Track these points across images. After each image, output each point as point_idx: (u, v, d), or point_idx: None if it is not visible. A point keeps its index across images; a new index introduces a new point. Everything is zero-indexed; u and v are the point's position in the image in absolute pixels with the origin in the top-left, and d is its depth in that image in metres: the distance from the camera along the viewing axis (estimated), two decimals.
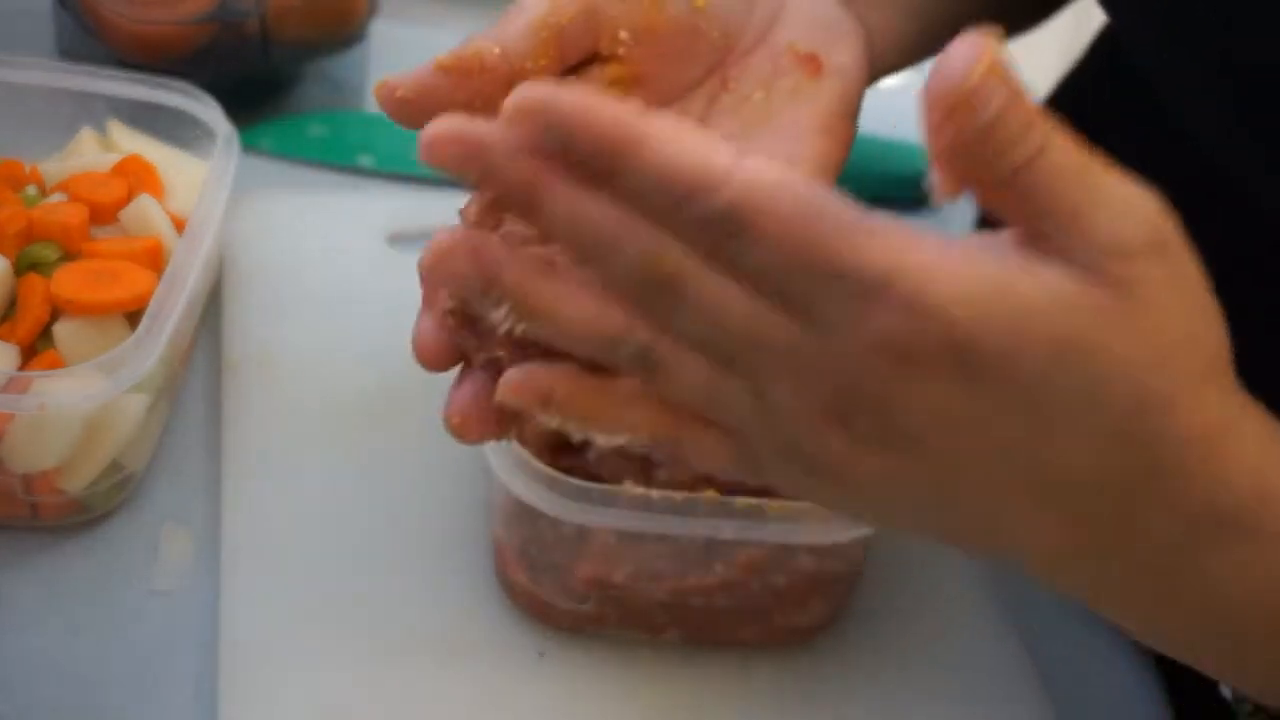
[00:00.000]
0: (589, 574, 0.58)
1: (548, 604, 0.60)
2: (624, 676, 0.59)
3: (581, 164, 0.35)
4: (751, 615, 0.60)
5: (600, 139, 0.34)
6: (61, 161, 0.70)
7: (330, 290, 0.73)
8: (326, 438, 0.66)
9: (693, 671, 0.60)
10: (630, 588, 0.58)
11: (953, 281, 0.35)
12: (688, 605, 0.59)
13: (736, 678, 0.60)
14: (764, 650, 0.61)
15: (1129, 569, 0.40)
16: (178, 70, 0.72)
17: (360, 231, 0.77)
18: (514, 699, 0.58)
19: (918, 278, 0.35)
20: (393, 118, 0.47)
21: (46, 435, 0.59)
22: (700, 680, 0.60)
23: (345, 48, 0.85)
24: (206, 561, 0.62)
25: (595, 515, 0.55)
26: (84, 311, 0.61)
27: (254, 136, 0.81)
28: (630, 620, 0.60)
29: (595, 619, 0.60)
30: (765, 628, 0.61)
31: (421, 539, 0.63)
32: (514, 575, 0.60)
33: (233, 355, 0.69)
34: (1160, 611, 0.41)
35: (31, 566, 0.61)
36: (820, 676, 0.61)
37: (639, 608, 0.59)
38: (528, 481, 0.55)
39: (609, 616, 0.60)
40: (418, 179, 0.83)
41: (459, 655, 0.59)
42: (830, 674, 0.61)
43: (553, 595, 0.59)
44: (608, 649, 0.60)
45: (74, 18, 0.80)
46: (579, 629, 0.60)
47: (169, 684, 0.57)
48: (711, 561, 0.58)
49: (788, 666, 0.61)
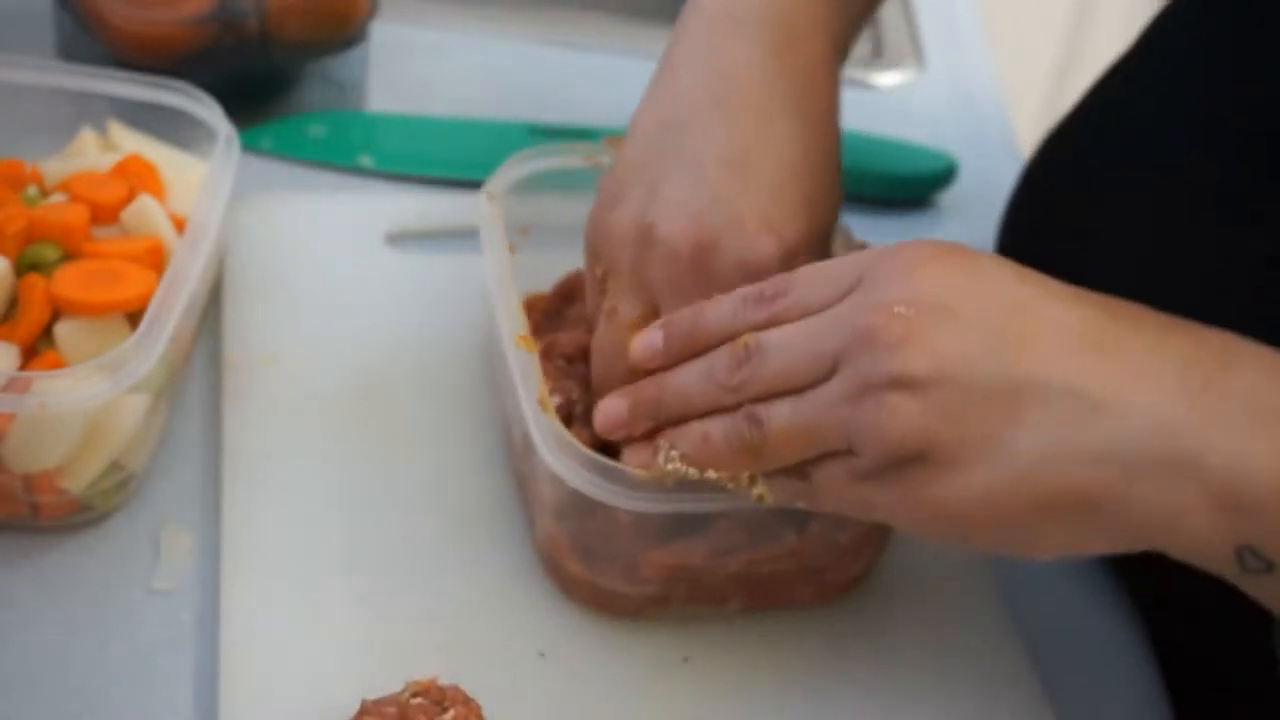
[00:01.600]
0: (665, 560, 0.59)
1: (609, 592, 0.60)
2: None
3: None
4: (812, 574, 0.61)
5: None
6: (62, 161, 0.70)
7: (330, 290, 0.73)
8: (325, 437, 0.67)
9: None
10: (704, 567, 0.59)
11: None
12: (756, 574, 0.60)
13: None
14: (812, 608, 0.63)
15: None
16: (178, 71, 0.72)
17: (360, 231, 0.77)
18: (516, 695, 0.58)
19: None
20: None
21: (47, 435, 0.59)
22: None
23: (345, 48, 0.85)
24: (206, 561, 0.62)
25: (658, 503, 0.56)
26: (85, 312, 0.62)
27: (254, 137, 0.81)
28: (697, 597, 0.61)
29: (660, 600, 0.60)
30: (819, 585, 0.62)
31: (421, 538, 0.63)
32: (570, 568, 0.60)
33: (233, 355, 0.69)
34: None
35: (32, 566, 0.61)
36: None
37: (708, 584, 0.60)
38: (588, 475, 0.56)
39: (675, 596, 0.60)
40: (417, 179, 0.83)
41: (460, 654, 0.59)
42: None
43: (615, 583, 0.60)
44: (663, 625, 0.62)
45: (74, 18, 0.80)
46: (641, 612, 0.61)
47: (169, 684, 0.58)
48: (783, 528, 0.59)
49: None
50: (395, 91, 0.88)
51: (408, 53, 0.91)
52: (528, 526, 0.64)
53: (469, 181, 0.77)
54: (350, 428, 0.67)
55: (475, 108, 0.88)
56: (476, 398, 0.69)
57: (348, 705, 0.54)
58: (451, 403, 0.69)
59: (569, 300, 0.68)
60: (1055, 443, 0.48)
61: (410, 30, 0.93)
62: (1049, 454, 0.48)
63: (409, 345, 0.71)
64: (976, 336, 0.49)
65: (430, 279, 0.74)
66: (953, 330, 0.49)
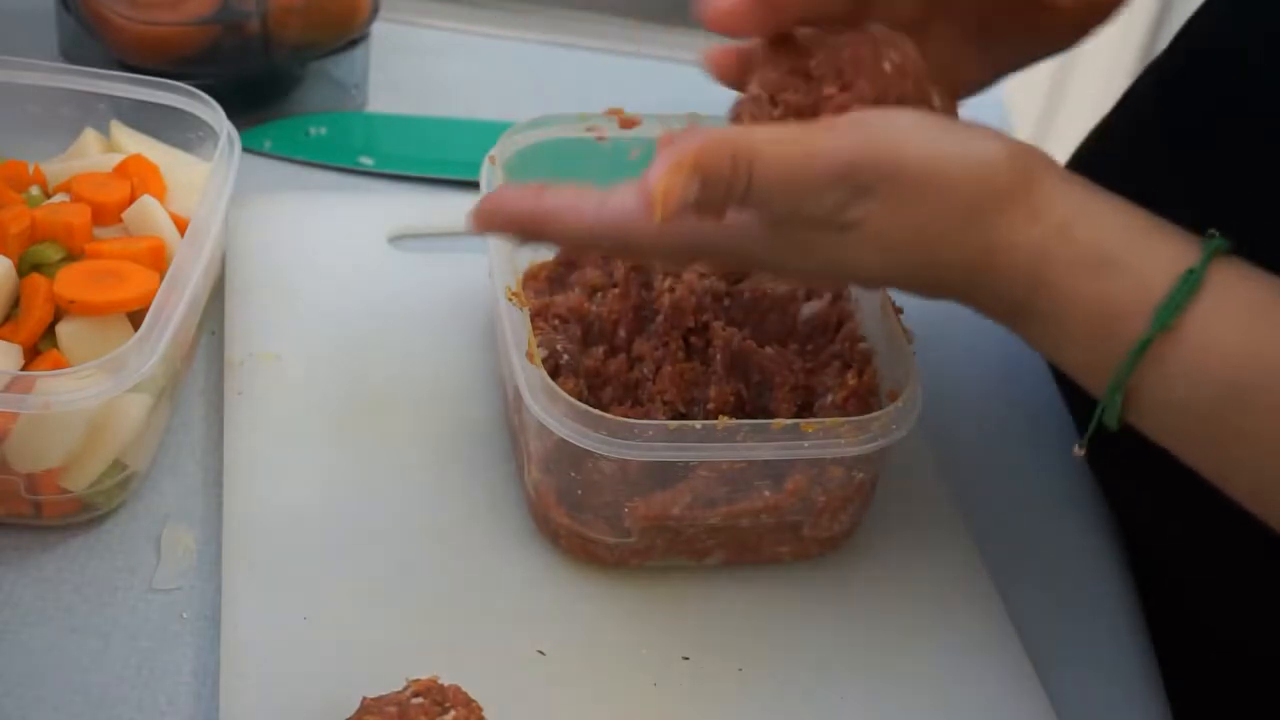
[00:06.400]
0: (647, 511, 0.60)
1: (594, 541, 0.62)
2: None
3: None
4: (790, 530, 0.63)
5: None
6: (64, 162, 0.70)
7: (331, 290, 0.73)
8: (327, 437, 0.67)
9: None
10: (684, 518, 0.61)
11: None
12: (735, 528, 0.62)
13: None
14: (794, 565, 0.65)
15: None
16: (180, 71, 0.73)
17: (361, 232, 0.77)
18: (516, 694, 0.58)
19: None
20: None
21: (49, 435, 0.59)
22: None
23: (346, 49, 0.85)
24: (207, 561, 0.62)
25: (639, 450, 0.58)
26: (87, 311, 0.62)
27: (255, 137, 0.81)
28: (677, 549, 0.63)
29: (642, 551, 0.62)
30: (799, 542, 0.64)
31: (422, 538, 0.64)
32: (556, 518, 0.62)
33: (234, 355, 0.69)
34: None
35: (34, 565, 0.61)
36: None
37: (688, 535, 0.62)
38: (572, 422, 0.58)
39: (656, 548, 0.62)
40: (418, 179, 0.83)
41: (460, 653, 0.59)
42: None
43: (600, 532, 0.62)
44: (647, 580, 0.63)
45: (77, 20, 0.80)
46: (623, 563, 0.63)
47: (169, 683, 0.58)
48: (761, 483, 0.61)
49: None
50: (395, 91, 0.89)
51: (408, 53, 0.91)
52: (532, 526, 0.64)
53: (469, 181, 0.77)
54: (351, 427, 0.67)
55: (475, 108, 0.88)
56: (477, 397, 0.70)
57: (348, 704, 0.54)
58: (452, 402, 0.69)
59: (571, 266, 0.71)
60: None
61: (410, 30, 0.93)
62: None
63: (409, 345, 0.72)
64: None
65: (430, 279, 0.75)
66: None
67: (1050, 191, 0.52)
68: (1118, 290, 0.51)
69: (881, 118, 0.53)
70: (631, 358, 0.66)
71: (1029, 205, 0.52)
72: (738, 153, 0.50)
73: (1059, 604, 0.67)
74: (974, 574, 0.66)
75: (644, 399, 0.65)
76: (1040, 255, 0.52)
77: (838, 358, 0.67)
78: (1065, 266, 0.51)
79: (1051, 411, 0.76)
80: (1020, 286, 0.52)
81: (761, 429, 0.59)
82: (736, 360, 0.66)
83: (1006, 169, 0.52)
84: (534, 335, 0.61)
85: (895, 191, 0.51)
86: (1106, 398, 0.52)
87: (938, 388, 0.71)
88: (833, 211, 0.52)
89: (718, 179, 0.50)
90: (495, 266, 0.65)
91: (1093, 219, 0.52)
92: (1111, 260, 0.51)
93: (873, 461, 0.62)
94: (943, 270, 0.53)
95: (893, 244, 0.52)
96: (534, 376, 0.59)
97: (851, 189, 0.51)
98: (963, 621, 0.64)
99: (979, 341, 0.77)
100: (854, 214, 0.52)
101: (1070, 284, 0.51)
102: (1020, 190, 0.52)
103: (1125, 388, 0.51)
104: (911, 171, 0.51)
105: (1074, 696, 0.63)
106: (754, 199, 0.51)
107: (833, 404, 0.64)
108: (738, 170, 0.50)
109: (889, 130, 0.52)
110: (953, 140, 0.52)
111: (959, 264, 0.53)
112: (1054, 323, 0.53)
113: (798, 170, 0.51)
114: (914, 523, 0.68)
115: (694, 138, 0.51)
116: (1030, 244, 0.52)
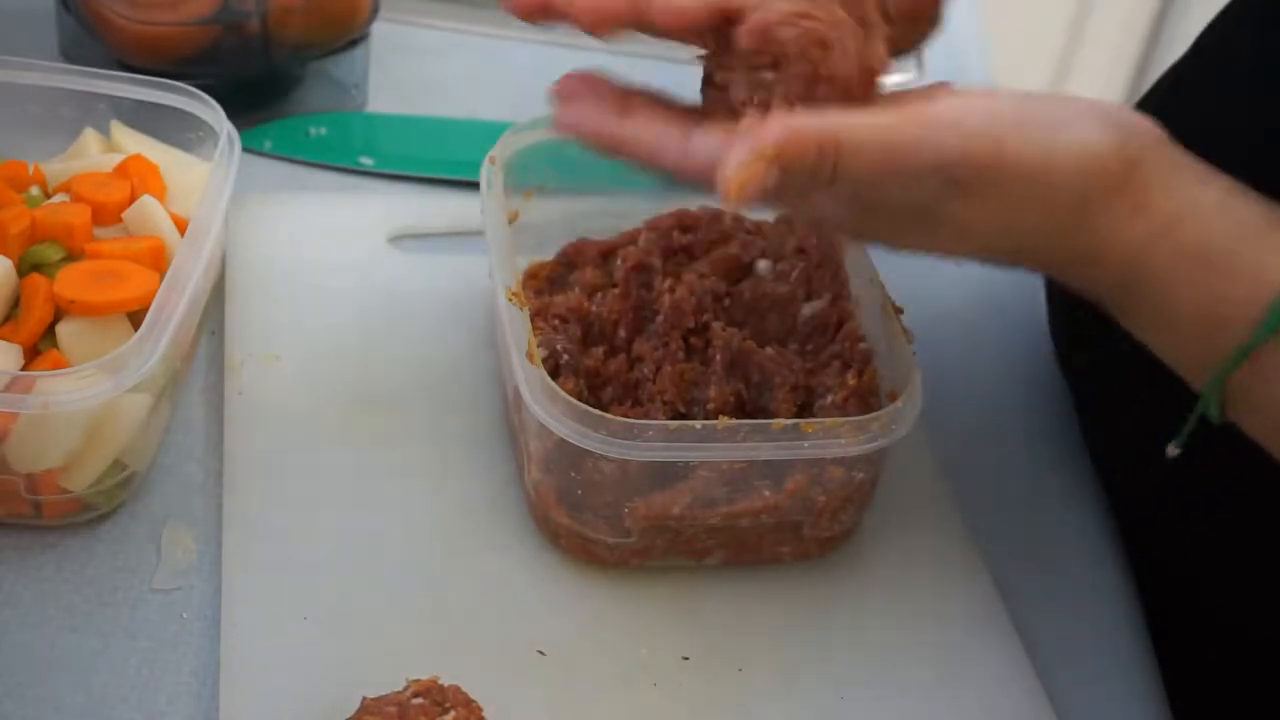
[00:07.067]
0: (647, 511, 0.60)
1: (594, 541, 0.62)
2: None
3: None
4: (790, 530, 0.63)
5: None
6: (64, 162, 0.70)
7: (331, 290, 0.73)
8: (327, 437, 0.67)
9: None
10: (684, 518, 0.61)
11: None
12: (735, 528, 0.62)
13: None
14: (793, 565, 0.65)
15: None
16: (180, 72, 0.73)
17: (361, 232, 0.77)
18: (516, 694, 0.58)
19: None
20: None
21: (50, 435, 0.59)
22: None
23: (346, 48, 0.85)
24: (207, 561, 0.62)
25: (639, 450, 0.58)
26: (87, 311, 0.62)
27: (255, 137, 0.81)
28: (677, 549, 0.63)
29: (642, 551, 0.62)
30: (799, 542, 0.64)
31: (422, 538, 0.64)
32: (556, 518, 0.62)
33: (234, 355, 0.69)
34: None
35: (34, 565, 0.61)
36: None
37: (688, 535, 0.62)
38: (572, 422, 0.58)
39: (656, 548, 0.62)
40: (418, 179, 0.83)
41: (460, 653, 0.59)
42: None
43: (600, 532, 0.62)
44: (647, 580, 0.63)
45: (76, 20, 0.80)
46: (623, 563, 0.63)
47: (169, 683, 0.58)
48: (760, 483, 0.61)
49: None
50: (395, 91, 0.89)
51: (408, 53, 0.91)
52: (532, 526, 0.64)
53: (469, 181, 0.77)
54: (351, 427, 0.67)
55: (475, 108, 0.88)
56: (477, 397, 0.70)
57: (348, 704, 0.54)
58: (452, 402, 0.69)
59: (571, 267, 0.71)
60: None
61: (410, 30, 0.93)
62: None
63: (409, 345, 0.72)
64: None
65: (430, 279, 0.75)
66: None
67: (1159, 182, 0.51)
68: (1225, 290, 0.50)
69: (981, 110, 0.51)
70: (631, 358, 0.66)
71: (1135, 198, 0.50)
72: (824, 144, 0.49)
73: (1059, 604, 0.67)
74: (974, 574, 0.66)
75: (644, 399, 0.65)
76: (1145, 250, 0.51)
77: (838, 358, 0.67)
78: (1170, 263, 0.50)
79: (1052, 412, 0.76)
80: (1120, 279, 0.52)
81: (761, 429, 0.59)
82: (736, 360, 0.66)
83: (1114, 160, 0.50)
84: (534, 335, 0.61)
85: (995, 192, 0.50)
86: (1206, 391, 0.51)
87: (938, 388, 0.71)
88: (927, 203, 0.51)
89: (800, 169, 0.49)
90: (495, 266, 0.65)
91: (1202, 215, 0.50)
92: (1220, 260, 0.50)
93: (873, 461, 0.62)
94: (1042, 258, 0.53)
95: (990, 240, 0.52)
96: (534, 376, 0.59)
97: (947, 184, 0.50)
98: (963, 621, 0.64)
99: (979, 341, 0.77)
100: (949, 209, 0.51)
101: (1174, 280, 0.51)
102: (1127, 182, 0.50)
103: (1225, 383, 0.51)
104: (1012, 172, 0.50)
105: (1074, 696, 0.63)
106: (840, 189, 0.50)
107: (833, 404, 0.64)
108: (823, 160, 0.49)
109: (988, 125, 0.50)
110: (1056, 134, 0.50)
111: (1059, 258, 0.52)
112: (1154, 314, 0.52)
113: (889, 164, 0.50)
114: (914, 523, 0.68)
115: (776, 126, 0.49)
116: (1135, 239, 0.51)
